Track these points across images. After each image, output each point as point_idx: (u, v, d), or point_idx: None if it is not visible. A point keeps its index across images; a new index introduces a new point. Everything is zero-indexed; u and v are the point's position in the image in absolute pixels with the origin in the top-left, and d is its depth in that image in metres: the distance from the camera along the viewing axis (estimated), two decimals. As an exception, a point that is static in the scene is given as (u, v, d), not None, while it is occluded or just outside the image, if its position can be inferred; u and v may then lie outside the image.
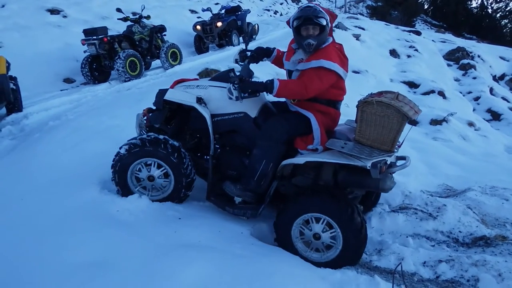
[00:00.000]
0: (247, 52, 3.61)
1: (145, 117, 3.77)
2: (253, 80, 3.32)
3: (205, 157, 3.69)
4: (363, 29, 14.45)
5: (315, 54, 3.15)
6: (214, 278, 2.47)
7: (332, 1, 39.46)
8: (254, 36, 13.34)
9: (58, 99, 7.60)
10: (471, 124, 7.96)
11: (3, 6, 11.88)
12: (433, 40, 15.90)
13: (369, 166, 2.83)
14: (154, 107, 3.72)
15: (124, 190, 3.47)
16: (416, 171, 4.66)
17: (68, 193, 3.53)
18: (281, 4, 31.79)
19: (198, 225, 3.15)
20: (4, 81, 6.52)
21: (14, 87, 6.96)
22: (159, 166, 3.43)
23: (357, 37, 12.93)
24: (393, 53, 12.92)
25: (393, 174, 3.29)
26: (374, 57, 11.71)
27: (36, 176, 4.03)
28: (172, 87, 3.63)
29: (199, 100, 3.41)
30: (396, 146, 3.07)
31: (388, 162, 2.98)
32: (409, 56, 12.91)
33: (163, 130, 3.65)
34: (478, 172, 5.08)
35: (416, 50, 13.47)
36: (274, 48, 3.70)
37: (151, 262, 2.62)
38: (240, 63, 3.54)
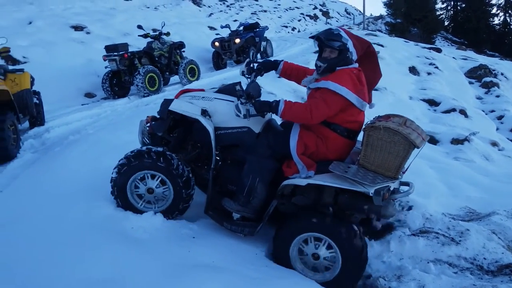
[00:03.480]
0: (253, 65, 3.58)
1: (148, 124, 3.78)
2: (262, 99, 3.30)
3: (205, 168, 3.68)
4: (381, 46, 14.37)
5: (327, 76, 3.14)
6: (227, 300, 2.44)
7: (350, 18, 39.56)
8: (262, 52, 13.42)
9: (79, 114, 7.73)
10: (494, 144, 7.76)
11: (30, 23, 12.27)
12: (453, 57, 15.72)
13: (372, 193, 2.78)
14: (158, 116, 3.73)
15: (133, 210, 3.48)
16: (436, 192, 4.54)
17: (84, 207, 3.54)
18: (299, 20, 32.04)
19: (212, 245, 3.12)
20: (28, 96, 6.68)
21: (37, 102, 7.12)
22: (153, 177, 3.43)
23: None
24: (413, 70, 12.80)
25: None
26: (393, 74, 11.60)
27: (54, 189, 4.06)
28: (177, 96, 3.62)
29: (204, 112, 3.41)
30: (401, 173, 3.01)
31: (391, 188, 2.93)
32: (429, 74, 12.76)
33: (166, 139, 3.66)
34: (503, 194, 4.90)
35: (437, 67, 13.33)
36: (282, 61, 3.66)
37: (164, 282, 2.60)
38: (247, 76, 3.51)
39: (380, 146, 2.89)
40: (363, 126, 3.01)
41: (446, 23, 38.19)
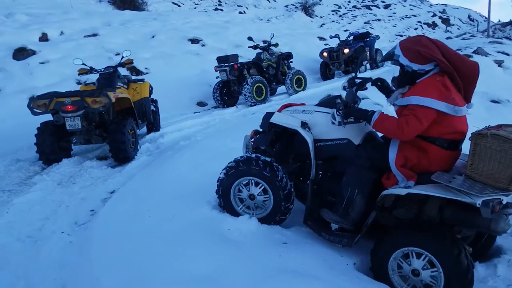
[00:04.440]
0: (356, 80, 3.51)
1: (252, 139, 3.91)
2: (359, 107, 3.26)
3: (306, 181, 3.68)
4: (507, 54, 13.16)
5: (410, 90, 3.03)
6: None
7: (474, 25, 36.86)
8: (365, 63, 12.98)
9: (190, 121, 8.28)
10: None
11: (153, 36, 13.41)
12: None
13: (479, 204, 2.54)
14: (260, 129, 3.84)
15: (232, 213, 3.63)
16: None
17: (188, 208, 3.82)
18: (416, 29, 30.72)
19: (303, 251, 3.14)
20: (147, 104, 7.36)
21: (154, 109, 7.79)
22: (256, 184, 3.53)
23: (499, 63, 11.81)
24: (543, 81, 11.50)
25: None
26: (519, 86, 10.56)
27: (164, 190, 4.40)
28: (279, 111, 3.71)
29: (304, 125, 3.45)
30: None
31: (504, 202, 2.65)
32: None
33: (268, 152, 3.75)
34: None
35: None
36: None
37: (255, 282, 2.71)
38: (347, 89, 3.48)
39: (489, 155, 2.67)
40: (470, 135, 2.79)
41: None
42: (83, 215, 4.42)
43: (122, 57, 7.17)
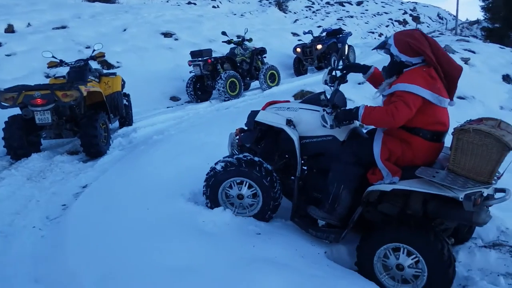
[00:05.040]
0: (336, 72, 3.59)
1: (237, 137, 3.94)
2: (345, 108, 3.32)
3: (292, 178, 3.75)
4: (473, 52, 13.56)
5: (397, 79, 3.11)
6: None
7: (442, 23, 37.77)
8: (344, 57, 13.18)
9: (163, 116, 8.22)
10: None
11: (125, 30, 13.23)
12: (557, 65, 14.39)
13: (461, 198, 2.65)
14: (245, 127, 3.88)
15: (213, 204, 3.64)
16: (518, 207, 4.25)
17: (163, 202, 3.83)
18: (387, 26, 31.23)
19: (276, 242, 3.20)
20: (119, 98, 7.27)
21: (127, 103, 7.71)
22: (250, 187, 3.55)
23: (465, 61, 12.17)
24: (506, 78, 11.91)
25: (490, 208, 3.05)
26: (483, 83, 10.91)
27: (138, 184, 4.38)
28: (263, 108, 3.75)
29: (289, 122, 3.49)
30: (495, 178, 2.85)
31: (485, 194, 2.77)
32: (526, 82, 11.82)
33: (254, 150, 3.79)
34: None
35: (535, 75, 12.30)
36: (372, 66, 3.63)
37: (231, 272, 2.76)
38: (330, 84, 3.53)
39: (471, 149, 2.76)
40: (452, 131, 2.89)
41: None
42: (54, 209, 4.36)
43: (94, 50, 7.04)
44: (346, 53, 13.34)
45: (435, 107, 3.02)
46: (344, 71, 3.59)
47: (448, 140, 3.06)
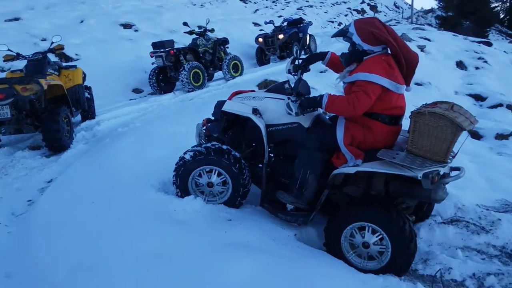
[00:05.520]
0: (298, 61, 3.69)
1: (204, 127, 3.99)
2: (309, 96, 3.42)
3: (259, 165, 3.84)
4: (428, 40, 14.03)
5: (357, 67, 3.21)
6: (260, 275, 2.61)
7: (399, 12, 38.66)
8: (305, 47, 13.37)
9: (127, 108, 8.13)
10: (543, 138, 7.48)
11: (82, 21, 12.88)
12: (505, 52, 15.09)
13: (420, 177, 2.81)
14: (212, 118, 3.93)
15: (183, 193, 3.67)
16: (473, 186, 4.51)
17: (132, 193, 3.84)
18: (346, 15, 31.66)
19: (247, 227, 3.29)
20: (81, 91, 7.13)
21: (89, 96, 7.57)
22: (219, 174, 3.61)
23: (421, 48, 12.58)
24: (460, 64, 12.43)
25: (448, 187, 3.25)
26: (439, 69, 11.34)
27: (105, 176, 4.38)
28: (230, 98, 3.81)
29: (255, 111, 3.56)
30: (450, 157, 3.04)
31: (441, 173, 2.95)
32: (477, 68, 12.33)
33: (221, 139, 3.84)
34: (545, 187, 4.80)
35: (486, 61, 12.85)
36: (328, 51, 3.75)
37: (204, 257, 2.82)
38: (293, 73, 3.64)
39: (427, 131, 2.92)
40: (410, 114, 3.04)
41: (501, 16, 36.46)
42: (20, 205, 4.30)
43: (52, 42, 6.86)
44: (308, 42, 13.52)
45: (392, 94, 3.16)
46: (305, 63, 3.69)
47: (406, 123, 3.22)
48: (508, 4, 36.01)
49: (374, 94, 3.06)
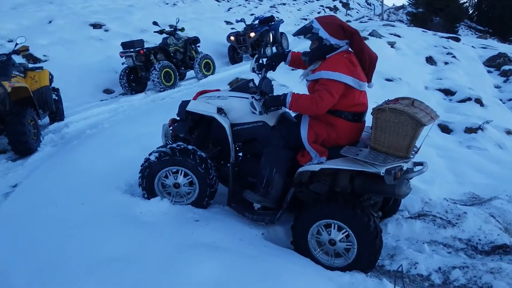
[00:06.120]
0: (263, 60, 3.69)
1: (171, 127, 3.95)
2: (274, 94, 3.43)
3: (228, 165, 3.83)
4: (398, 36, 14.25)
5: (320, 65, 3.22)
6: (226, 275, 2.60)
7: (370, 9, 39.14)
8: (269, 45, 13.38)
9: (97, 109, 7.98)
10: (509, 132, 7.67)
11: (50, 21, 12.60)
12: (473, 46, 15.46)
13: (382, 173, 2.85)
14: (177, 118, 3.89)
15: (150, 195, 3.63)
16: (441, 179, 4.60)
17: (98, 195, 3.77)
18: (319, 13, 31.85)
19: (214, 227, 3.27)
20: (47, 93, 6.97)
21: (56, 98, 7.41)
22: (185, 175, 3.58)
23: (392, 44, 12.78)
24: (430, 60, 12.66)
25: (415, 181, 3.29)
26: (409, 65, 11.53)
27: (71, 179, 4.28)
28: (195, 98, 3.78)
29: (220, 111, 3.55)
30: (413, 152, 3.08)
31: (404, 168, 2.99)
32: (446, 63, 12.60)
33: (187, 139, 3.81)
34: (510, 180, 4.93)
35: (454, 56, 13.14)
36: (289, 51, 3.74)
37: (169, 259, 2.79)
38: (257, 72, 3.63)
39: (389, 127, 2.95)
40: (371, 111, 3.06)
41: (470, 12, 37.30)
42: (-17, 211, 4.15)
43: (16, 44, 6.68)
44: (271, 40, 13.48)
45: (355, 91, 3.19)
46: (269, 61, 3.68)
47: (370, 120, 3.25)
48: (476, 0, 36.87)
49: (337, 92, 3.08)
